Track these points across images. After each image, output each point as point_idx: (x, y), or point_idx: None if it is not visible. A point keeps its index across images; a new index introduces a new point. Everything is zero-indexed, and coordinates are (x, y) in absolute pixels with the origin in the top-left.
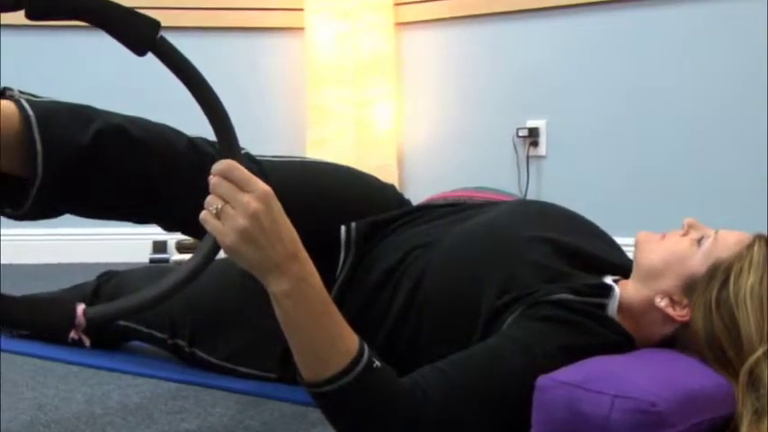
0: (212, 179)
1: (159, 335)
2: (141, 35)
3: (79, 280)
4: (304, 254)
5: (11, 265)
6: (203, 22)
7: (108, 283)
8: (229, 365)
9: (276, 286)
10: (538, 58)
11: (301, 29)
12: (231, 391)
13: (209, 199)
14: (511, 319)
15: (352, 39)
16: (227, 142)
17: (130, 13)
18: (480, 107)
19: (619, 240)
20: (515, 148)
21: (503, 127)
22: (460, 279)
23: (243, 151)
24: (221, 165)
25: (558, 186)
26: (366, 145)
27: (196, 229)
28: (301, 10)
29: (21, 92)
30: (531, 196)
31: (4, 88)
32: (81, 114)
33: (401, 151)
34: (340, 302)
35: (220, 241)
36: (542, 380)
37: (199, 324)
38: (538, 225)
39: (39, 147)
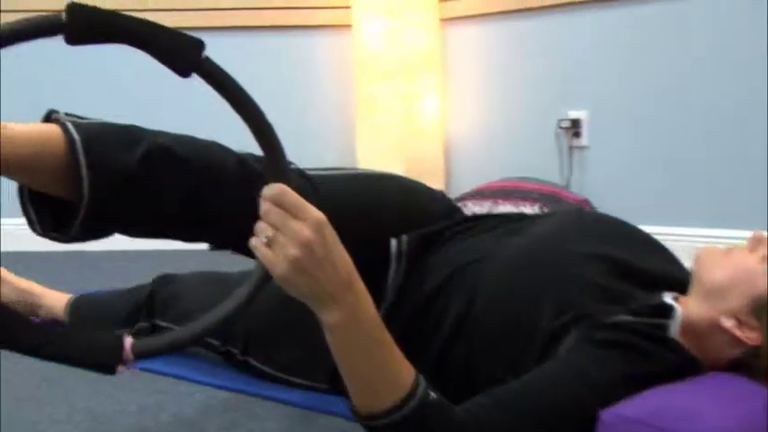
0: (263, 205)
1: (212, 341)
2: (185, 56)
3: (133, 268)
4: (359, 283)
5: (72, 253)
6: (253, 22)
7: (165, 287)
8: (282, 375)
9: (330, 317)
10: (579, 49)
11: (348, 26)
12: (283, 402)
13: (260, 226)
14: (568, 343)
15: (399, 35)
16: (275, 162)
17: (174, 33)
18: (523, 99)
19: (661, 230)
20: (558, 138)
21: (545, 118)
22: (513, 297)
23: (292, 166)
24: (272, 190)
25: (600, 177)
26: (413, 137)
27: (248, 250)
28: (348, 8)
29: (67, 114)
30: (574, 187)
31: (50, 111)
32: (127, 135)
33: (447, 143)
34: (390, 318)
35: (272, 271)
36: (606, 414)
37: (252, 333)
38: (592, 240)
39: (84, 171)
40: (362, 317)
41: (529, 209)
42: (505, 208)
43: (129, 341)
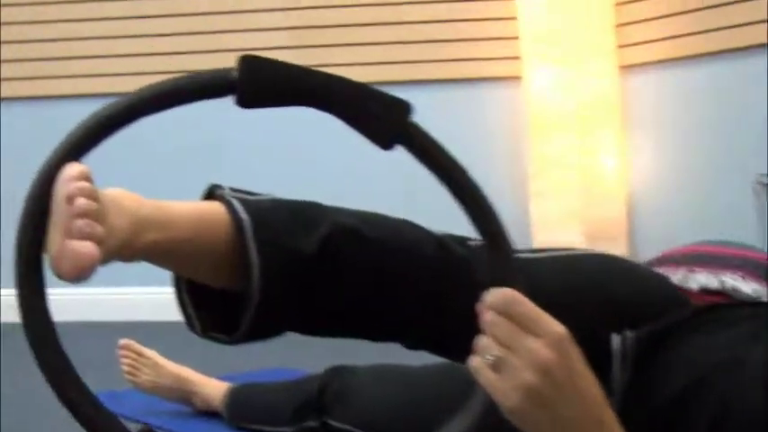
0: (487, 315)
1: None
2: (388, 122)
3: None
4: (609, 414)
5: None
6: (416, 76)
7: (337, 380)
8: None
9: None
10: None
11: (518, 77)
12: None
13: (484, 343)
14: None
15: (574, 85)
16: (498, 256)
17: (375, 94)
18: (715, 152)
19: None
20: (758, 196)
21: (742, 173)
22: None
23: None
24: (500, 297)
25: None
26: (591, 196)
27: (449, 352)
28: (518, 58)
29: (233, 189)
30: None
31: (213, 186)
32: (305, 214)
33: (629, 202)
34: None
35: (499, 402)
36: None
37: None
38: None
39: (254, 258)
40: None
41: (730, 278)
42: (702, 276)
43: None
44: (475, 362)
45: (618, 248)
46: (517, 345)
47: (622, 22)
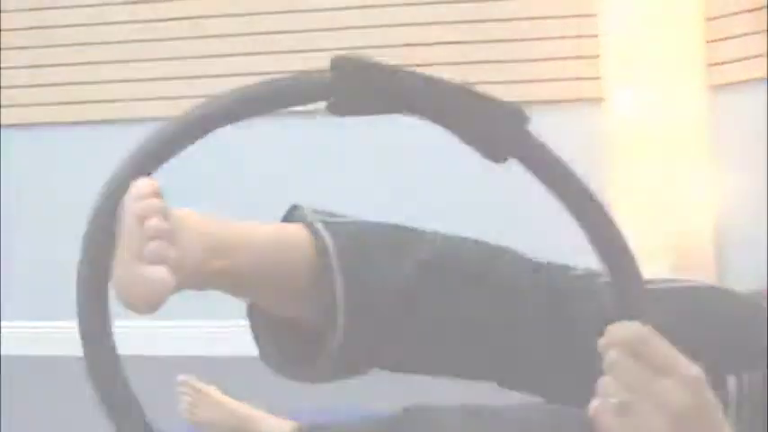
0: (613, 354)
1: None
2: (504, 133)
3: None
4: None
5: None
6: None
7: (417, 423)
8: None
9: None
10: None
11: (600, 99)
12: None
13: (607, 384)
14: None
15: (660, 106)
16: (623, 282)
17: (488, 100)
18: None
19: None
20: None
21: None
22: None
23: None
24: (628, 333)
25: None
26: (678, 224)
27: (552, 395)
28: (598, 78)
29: (315, 211)
30: None
31: (293, 207)
32: (394, 240)
33: (718, 232)
34: None
35: None
36: None
37: None
38: None
39: (339, 286)
40: None
41: None
42: None
43: None
44: (597, 407)
45: (705, 281)
46: (647, 387)
47: (714, 37)
